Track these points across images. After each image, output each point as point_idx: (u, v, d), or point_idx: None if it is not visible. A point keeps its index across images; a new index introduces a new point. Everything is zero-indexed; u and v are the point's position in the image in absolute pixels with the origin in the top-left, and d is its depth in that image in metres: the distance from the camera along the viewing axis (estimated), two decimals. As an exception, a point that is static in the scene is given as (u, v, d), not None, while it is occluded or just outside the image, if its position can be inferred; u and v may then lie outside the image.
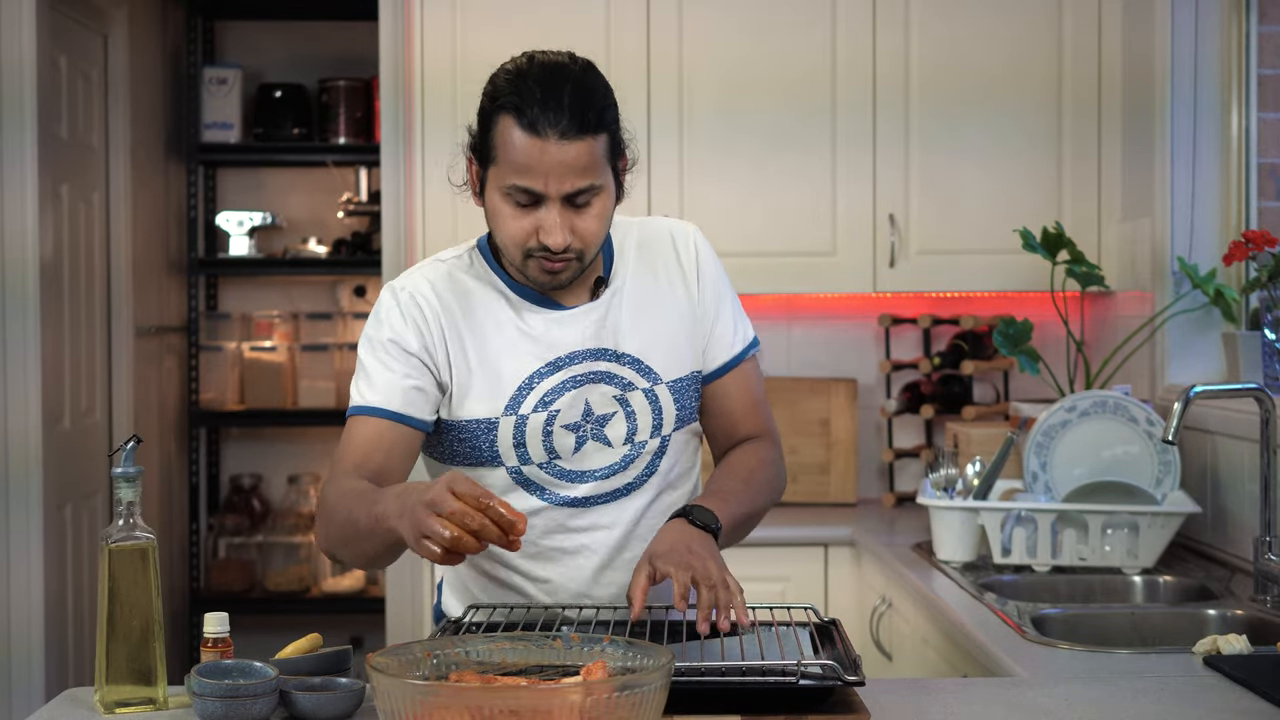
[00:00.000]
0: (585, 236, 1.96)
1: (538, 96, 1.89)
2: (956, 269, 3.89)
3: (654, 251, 2.13)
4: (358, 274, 5.23)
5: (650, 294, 2.10)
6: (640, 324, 2.08)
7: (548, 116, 1.88)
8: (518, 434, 2.03)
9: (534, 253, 1.96)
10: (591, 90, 1.93)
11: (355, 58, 5.18)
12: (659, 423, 2.08)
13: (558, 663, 1.63)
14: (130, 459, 1.84)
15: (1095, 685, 2.00)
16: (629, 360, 2.06)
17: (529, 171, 1.91)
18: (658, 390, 2.08)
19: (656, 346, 2.08)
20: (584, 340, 2.05)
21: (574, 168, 1.90)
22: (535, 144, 1.89)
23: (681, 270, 2.13)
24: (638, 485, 2.09)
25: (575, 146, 1.90)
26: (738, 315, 2.17)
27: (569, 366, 2.04)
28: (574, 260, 1.97)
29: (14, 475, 3.96)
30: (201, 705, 1.74)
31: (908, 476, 4.12)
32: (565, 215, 1.93)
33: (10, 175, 3.93)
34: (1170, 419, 2.59)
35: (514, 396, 2.03)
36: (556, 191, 1.91)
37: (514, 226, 1.95)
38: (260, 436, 5.36)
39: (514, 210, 1.95)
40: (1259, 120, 3.35)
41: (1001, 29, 3.86)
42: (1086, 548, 2.97)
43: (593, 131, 1.91)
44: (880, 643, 3.25)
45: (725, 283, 2.17)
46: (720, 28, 3.88)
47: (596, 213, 1.95)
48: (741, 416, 2.16)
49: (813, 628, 1.98)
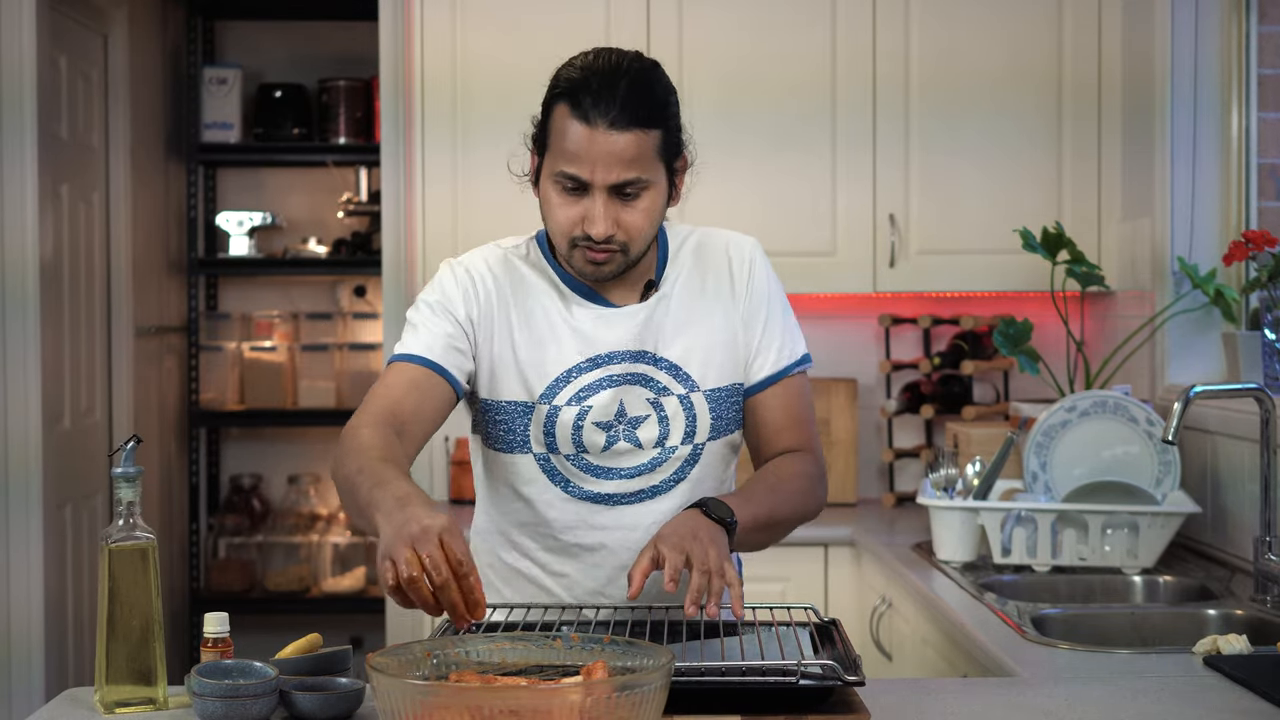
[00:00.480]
0: (630, 230, 1.97)
1: (593, 86, 1.93)
2: (956, 269, 3.89)
3: (707, 261, 2.13)
4: (358, 274, 5.23)
5: (696, 302, 2.10)
6: (682, 330, 2.08)
7: (600, 106, 1.91)
8: (549, 423, 2.05)
9: (579, 242, 1.98)
10: (649, 86, 1.97)
11: (355, 58, 5.18)
12: (692, 430, 2.08)
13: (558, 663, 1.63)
14: (130, 459, 1.84)
15: (1095, 685, 2.00)
16: (666, 365, 2.07)
17: (577, 159, 1.93)
18: (694, 397, 2.08)
19: (696, 354, 2.08)
20: (626, 341, 2.06)
21: (621, 159, 1.93)
22: (585, 132, 1.92)
23: (732, 281, 2.13)
24: (664, 490, 2.09)
25: (624, 137, 1.92)
26: (788, 332, 2.14)
27: (608, 365, 2.05)
28: (618, 253, 1.99)
29: (14, 475, 3.96)
30: (201, 705, 1.74)
31: (908, 476, 4.12)
32: (611, 206, 1.95)
33: (10, 175, 3.93)
34: (1170, 419, 2.59)
35: (550, 386, 2.05)
36: (603, 180, 1.93)
37: (561, 215, 1.98)
38: (260, 436, 5.36)
39: (562, 198, 1.97)
40: (1259, 120, 3.35)
41: (1001, 29, 3.86)
42: (1086, 548, 2.97)
43: (644, 125, 1.94)
44: (880, 643, 3.25)
45: (779, 299, 2.15)
46: (720, 27, 3.88)
47: (644, 207, 1.97)
48: (782, 430, 2.13)
49: (813, 628, 1.98)
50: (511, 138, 4.08)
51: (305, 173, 5.29)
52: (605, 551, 2.09)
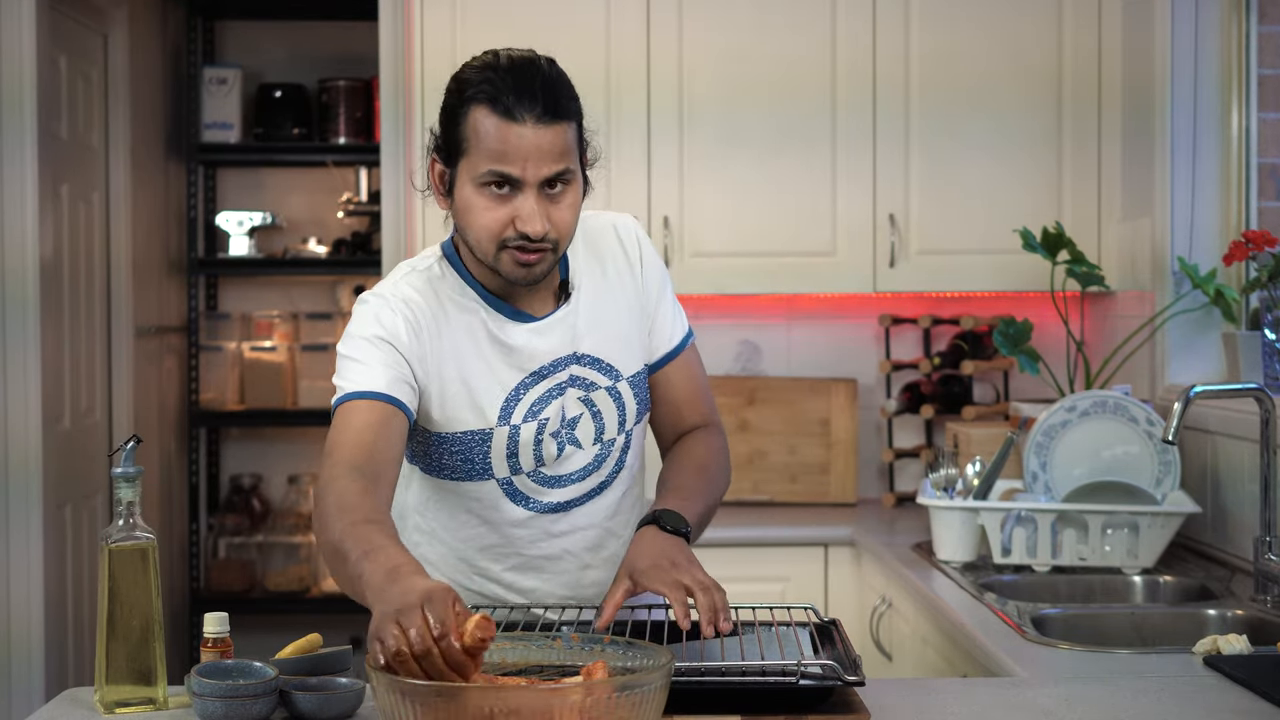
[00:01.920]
0: (560, 226, 1.94)
1: (511, 84, 1.91)
2: (956, 269, 3.89)
3: (600, 247, 2.12)
4: (358, 274, 5.23)
5: (602, 291, 2.10)
6: (597, 323, 2.08)
7: (524, 102, 1.89)
8: (511, 444, 2.03)
9: (509, 243, 1.93)
10: (560, 80, 1.96)
11: (355, 58, 5.18)
12: (623, 419, 2.09)
13: (558, 663, 1.63)
14: (130, 459, 1.84)
15: (1095, 685, 2.00)
16: (589, 360, 2.07)
17: (505, 157, 1.90)
18: (619, 387, 2.09)
19: (613, 343, 2.09)
20: (561, 348, 2.05)
21: (550, 152, 1.91)
22: (512, 129, 1.89)
23: (628, 262, 2.13)
24: (609, 482, 2.10)
25: (551, 130, 1.91)
26: (676, 307, 2.18)
27: (551, 375, 2.04)
28: (549, 251, 1.95)
29: (14, 475, 3.96)
30: (201, 705, 1.74)
31: (908, 476, 4.12)
32: (541, 204, 1.92)
33: (10, 175, 3.93)
34: (1170, 419, 2.59)
35: (504, 407, 2.02)
36: (535, 176, 1.91)
37: (489, 218, 1.93)
38: (260, 436, 5.36)
39: (489, 201, 1.92)
40: (1259, 120, 3.35)
41: (1001, 29, 3.86)
42: (1086, 548, 2.97)
43: (565, 118, 1.93)
44: (880, 643, 3.25)
45: (664, 274, 2.17)
46: (720, 28, 3.88)
47: (569, 203, 1.95)
48: (686, 405, 2.17)
49: (813, 628, 1.98)
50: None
51: (305, 173, 5.29)
52: (568, 557, 2.10)
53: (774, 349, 4.16)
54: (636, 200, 3.83)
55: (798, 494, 4.01)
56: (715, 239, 3.89)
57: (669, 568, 1.88)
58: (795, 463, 4.00)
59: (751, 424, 4.03)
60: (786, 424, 4.02)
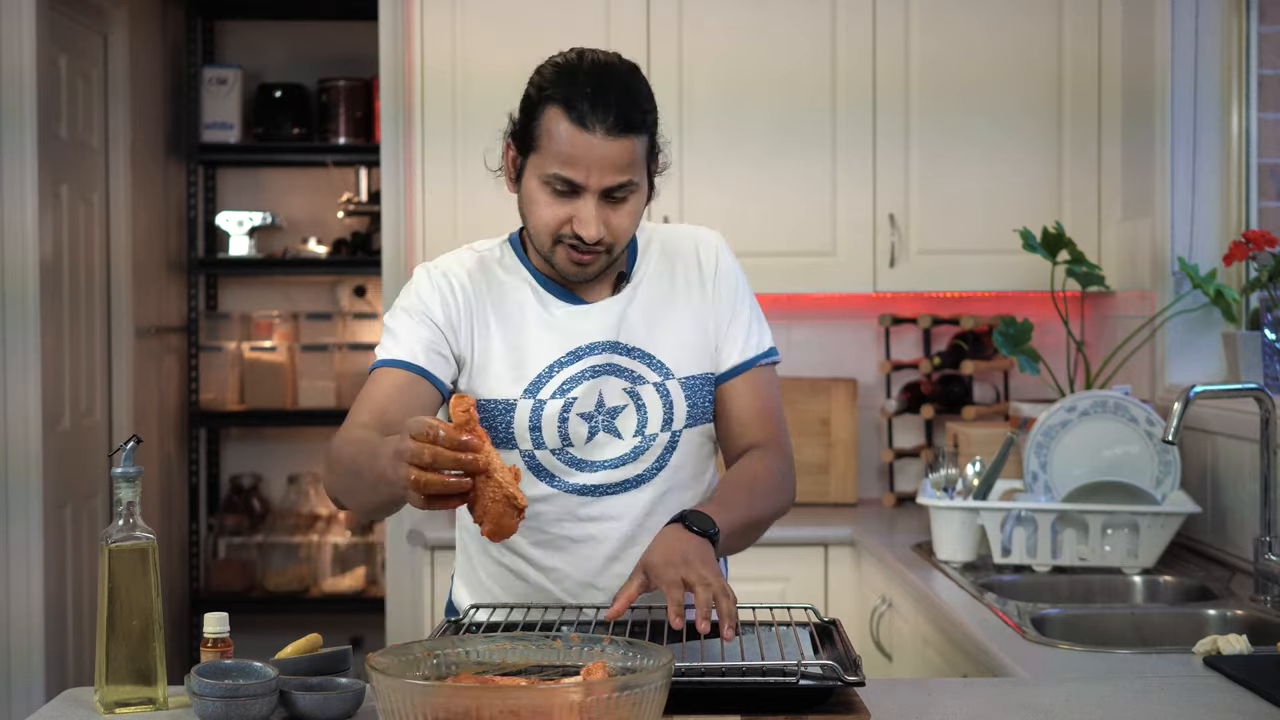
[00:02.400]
0: (617, 231, 2.01)
1: (588, 92, 1.95)
2: (956, 269, 3.89)
3: (675, 254, 2.16)
4: (358, 274, 5.24)
5: (666, 293, 2.13)
6: (654, 320, 2.11)
7: (597, 112, 1.94)
8: (534, 418, 2.06)
9: (564, 239, 2.00)
10: (638, 92, 1.99)
11: (355, 58, 5.18)
12: (669, 417, 2.10)
13: (558, 663, 1.63)
14: (130, 459, 1.84)
15: (1095, 685, 2.00)
16: (639, 354, 2.09)
17: (572, 163, 1.95)
18: (669, 385, 2.10)
19: (668, 342, 2.11)
20: (601, 333, 2.09)
21: (616, 164, 1.96)
22: (581, 137, 1.94)
23: (700, 273, 2.15)
24: (647, 478, 2.10)
25: (619, 144, 1.95)
26: (754, 323, 2.17)
27: (588, 357, 2.08)
28: (603, 253, 2.02)
29: (14, 475, 3.96)
30: (201, 705, 1.74)
31: (908, 476, 4.12)
32: (601, 209, 1.98)
33: (10, 175, 3.93)
34: (1170, 419, 2.59)
35: (534, 381, 2.07)
36: (596, 185, 1.96)
37: (548, 214, 2.00)
38: (260, 436, 5.36)
39: (550, 198, 1.99)
40: (1259, 120, 3.35)
41: (1001, 29, 3.86)
42: (1086, 548, 2.97)
43: (636, 131, 1.97)
44: (880, 643, 3.25)
45: (745, 291, 2.18)
46: (720, 28, 3.88)
47: (630, 209, 2.00)
48: (750, 422, 2.15)
49: (813, 628, 1.98)
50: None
51: (305, 173, 5.29)
52: (594, 543, 2.10)
53: (774, 349, 4.15)
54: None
55: (798, 494, 3.99)
56: (715, 239, 3.88)
57: (680, 564, 1.87)
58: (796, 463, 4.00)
59: (751, 424, 4.02)
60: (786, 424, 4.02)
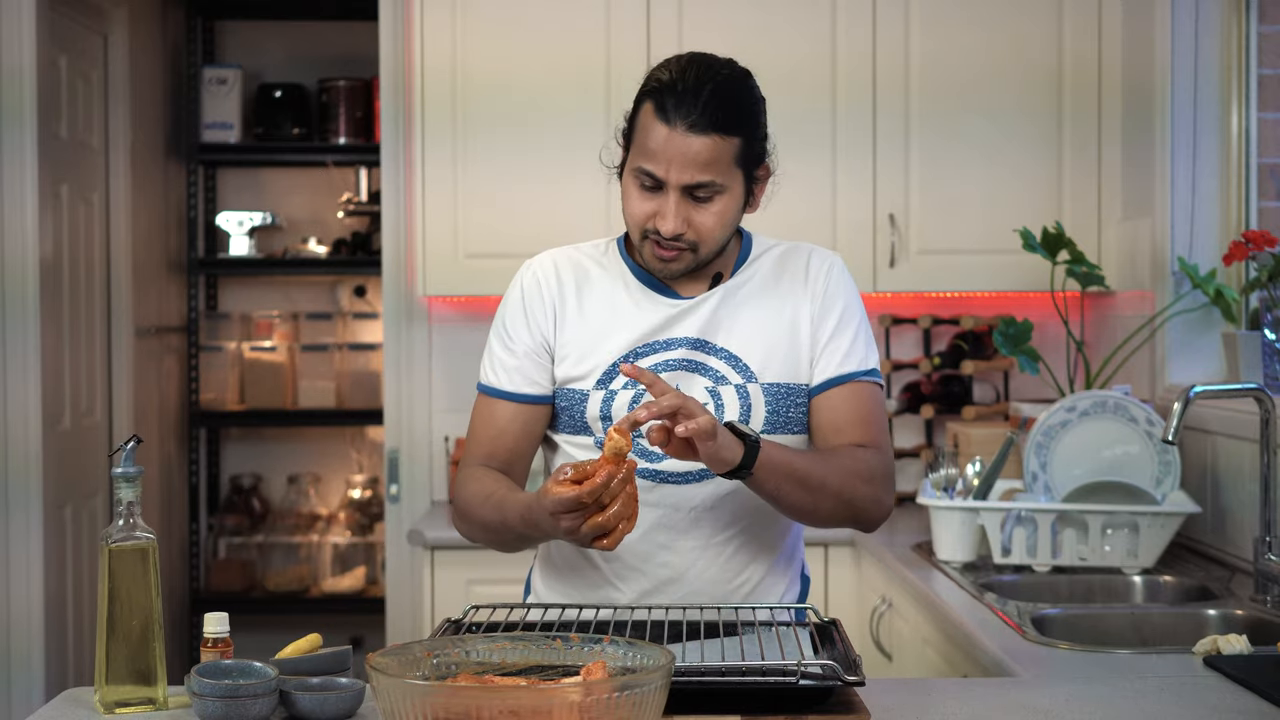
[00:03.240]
0: (700, 230, 2.02)
1: (678, 88, 1.98)
2: (956, 269, 3.89)
3: (786, 265, 2.16)
4: (358, 274, 5.24)
5: (765, 299, 2.12)
6: (744, 323, 2.11)
7: (682, 109, 1.97)
8: (605, 407, 2.08)
9: (649, 234, 2.03)
10: (734, 93, 2.03)
11: (355, 58, 5.18)
12: (746, 418, 2.08)
13: (558, 663, 1.63)
14: (130, 459, 1.84)
15: (1095, 685, 2.00)
16: (724, 355, 2.10)
17: (653, 156, 1.99)
18: (750, 388, 2.09)
19: (756, 346, 2.10)
20: (688, 329, 2.09)
21: (695, 161, 1.98)
22: (663, 131, 1.98)
23: (807, 286, 2.14)
24: (710, 474, 2.06)
25: (701, 141, 1.97)
26: (860, 343, 2.12)
27: (666, 351, 2.09)
28: (686, 251, 2.04)
29: (14, 475, 3.96)
30: (201, 705, 1.74)
31: (908, 476, 4.12)
32: (683, 205, 2.00)
33: (10, 175, 3.93)
34: (1170, 419, 2.59)
35: (607, 371, 2.09)
36: (676, 180, 1.99)
37: (636, 207, 2.04)
38: (260, 436, 5.36)
39: (639, 192, 2.03)
40: (1259, 120, 3.35)
41: (1001, 29, 3.86)
42: (1086, 548, 2.97)
43: (723, 131, 1.98)
44: (880, 643, 3.25)
45: (855, 312, 2.14)
46: (720, 28, 3.88)
47: (716, 210, 2.02)
48: (847, 425, 2.08)
49: (813, 628, 1.98)
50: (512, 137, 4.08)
51: (305, 173, 5.29)
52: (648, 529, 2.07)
53: (774, 349, 4.16)
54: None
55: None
56: (715, 239, 3.89)
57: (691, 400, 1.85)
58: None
59: (751, 424, 4.03)
60: (786, 424, 4.02)
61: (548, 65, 3.83)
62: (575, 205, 3.79)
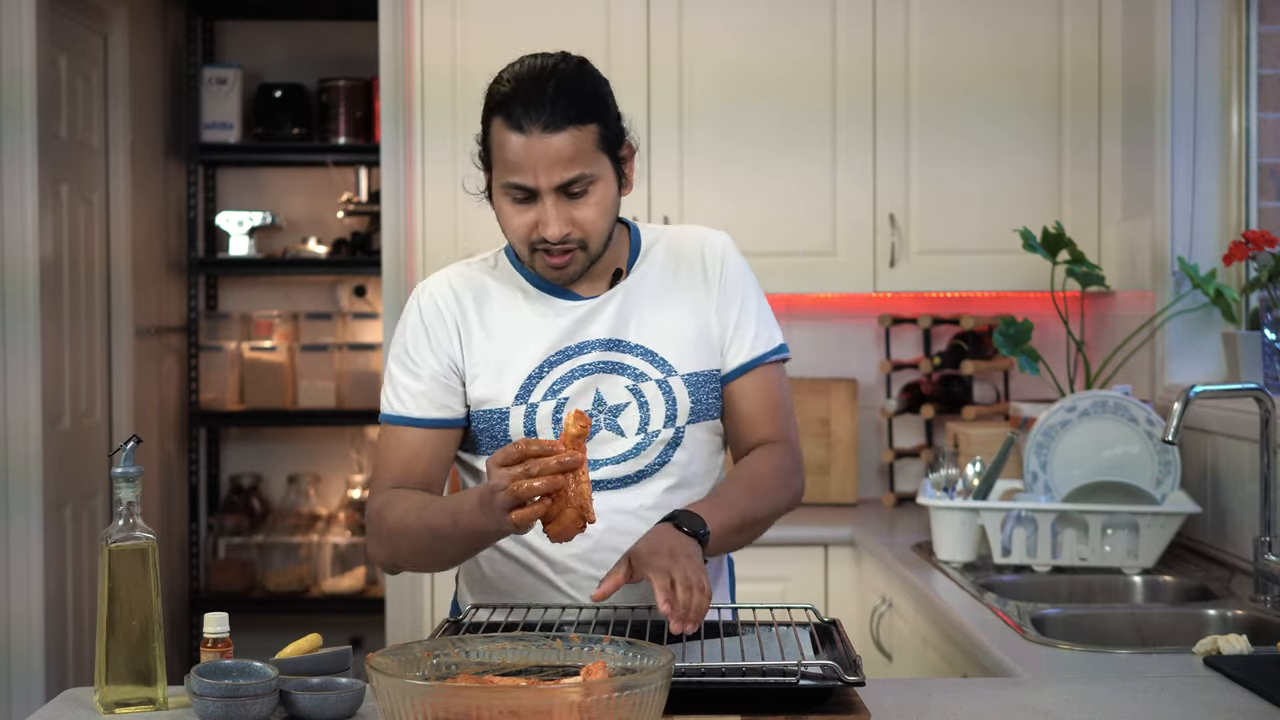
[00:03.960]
0: (584, 226, 2.00)
1: (520, 94, 1.96)
2: (956, 269, 3.89)
3: (680, 253, 2.17)
4: (358, 274, 5.23)
5: (668, 290, 2.13)
6: (655, 317, 2.11)
7: (530, 112, 1.95)
8: (528, 421, 2.07)
9: (537, 246, 2.01)
10: (575, 82, 1.99)
11: (355, 58, 5.18)
12: (673, 413, 2.10)
13: (558, 663, 1.63)
14: (130, 459, 1.84)
15: (1095, 685, 2.00)
16: (641, 351, 2.10)
17: (519, 168, 1.97)
18: (671, 382, 2.10)
19: (670, 339, 2.11)
20: (598, 330, 2.09)
21: (560, 159, 1.96)
22: (521, 140, 1.95)
23: (705, 272, 2.15)
24: (650, 474, 2.09)
25: (559, 138, 1.95)
26: (763, 321, 2.17)
27: (579, 355, 2.08)
28: (577, 250, 2.02)
29: (14, 475, 3.96)
30: (201, 705, 1.74)
31: (908, 476, 4.12)
32: (562, 206, 1.99)
33: (10, 175, 3.93)
34: (1170, 419, 2.59)
35: (524, 385, 2.08)
36: (547, 184, 1.97)
37: (516, 223, 2.01)
38: (260, 436, 5.36)
39: (514, 208, 2.01)
40: (1259, 120, 3.35)
41: (1001, 29, 3.86)
42: (1086, 548, 2.97)
43: (576, 122, 1.96)
44: (880, 643, 3.25)
45: (752, 290, 2.18)
46: (720, 28, 3.88)
47: (594, 201, 2.00)
48: (759, 419, 2.15)
49: (813, 628, 1.98)
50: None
51: (305, 173, 5.29)
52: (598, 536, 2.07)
53: (774, 349, 4.16)
54: (636, 200, 3.83)
55: (798, 494, 4.00)
56: (715, 239, 3.89)
57: (665, 555, 1.88)
58: (795, 463, 4.00)
59: (751, 424, 4.03)
60: (786, 424, 4.02)
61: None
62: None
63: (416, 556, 2.04)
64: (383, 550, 2.06)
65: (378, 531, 2.05)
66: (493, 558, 2.15)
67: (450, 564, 2.08)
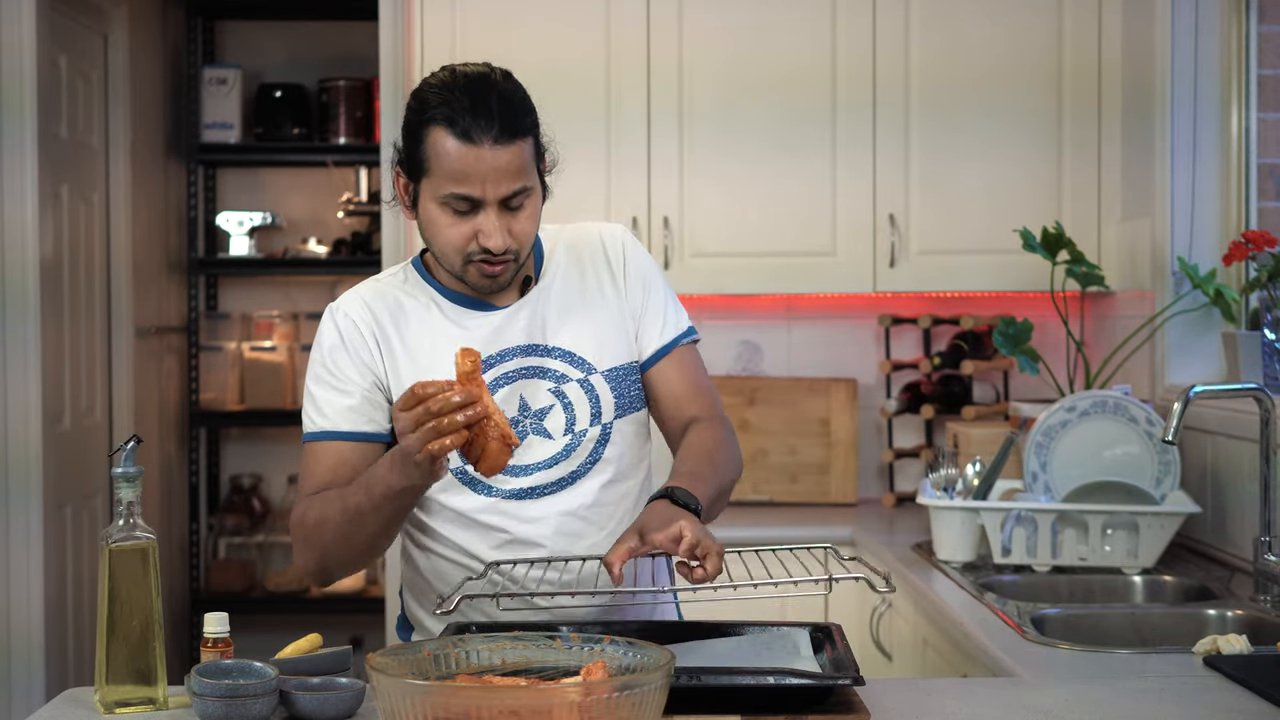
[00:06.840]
0: (520, 237, 2.02)
1: (467, 105, 1.96)
2: (956, 269, 3.89)
3: (582, 252, 2.19)
4: (357, 274, 5.23)
5: (578, 291, 2.15)
6: (568, 318, 2.13)
7: (479, 124, 1.95)
8: None
9: (474, 257, 2.02)
10: (515, 97, 2.00)
11: (355, 58, 5.18)
12: (597, 411, 2.11)
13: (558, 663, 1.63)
14: (130, 459, 1.84)
15: (1095, 685, 2.01)
16: (560, 353, 2.11)
17: (466, 179, 1.97)
18: (593, 380, 2.12)
19: (586, 339, 2.13)
20: (515, 338, 2.10)
21: (508, 171, 1.97)
22: (470, 151, 1.96)
23: (609, 267, 2.18)
24: (583, 473, 2.11)
25: (508, 151, 1.97)
26: (670, 307, 2.20)
27: (499, 364, 2.09)
28: (511, 261, 2.04)
29: (14, 475, 3.96)
30: (201, 705, 1.74)
31: (908, 476, 4.12)
32: (503, 218, 2.00)
33: (10, 175, 3.93)
34: (1170, 419, 2.59)
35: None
36: (494, 196, 1.98)
37: (453, 233, 2.01)
38: (260, 436, 5.36)
39: (452, 218, 2.01)
40: (1259, 120, 3.35)
41: (1001, 28, 3.86)
42: (1086, 548, 2.97)
43: (520, 135, 1.98)
44: (880, 643, 3.25)
45: (656, 277, 2.21)
46: (720, 28, 3.88)
47: (529, 213, 2.03)
48: (685, 399, 2.17)
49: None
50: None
51: (305, 173, 5.29)
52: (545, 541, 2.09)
53: (774, 349, 4.16)
54: (636, 200, 3.83)
55: (798, 494, 4.01)
56: (715, 239, 3.89)
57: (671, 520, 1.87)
58: (795, 463, 4.00)
59: (752, 424, 4.03)
60: (786, 424, 4.02)
61: (548, 65, 3.83)
62: (575, 205, 3.78)
63: (339, 547, 1.99)
64: (311, 555, 2.03)
65: (302, 536, 2.03)
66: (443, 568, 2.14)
67: (374, 548, 2.01)
